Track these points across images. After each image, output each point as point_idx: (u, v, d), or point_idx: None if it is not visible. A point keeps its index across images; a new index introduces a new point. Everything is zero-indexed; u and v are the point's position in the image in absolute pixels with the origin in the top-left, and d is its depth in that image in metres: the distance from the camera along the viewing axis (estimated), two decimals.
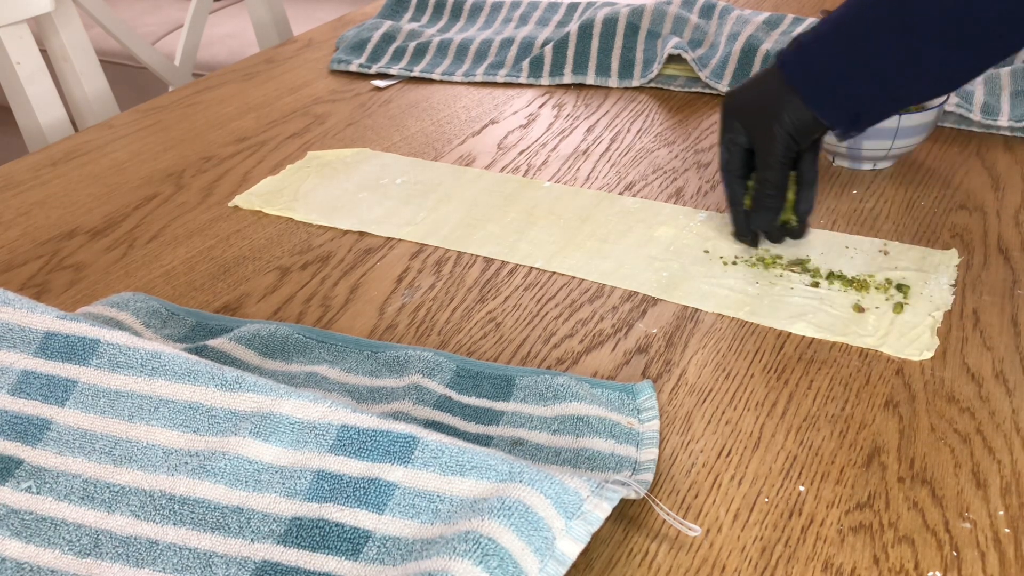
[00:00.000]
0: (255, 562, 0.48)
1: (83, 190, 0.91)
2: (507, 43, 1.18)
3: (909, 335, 0.66)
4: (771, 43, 1.09)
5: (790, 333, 0.67)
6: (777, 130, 0.70)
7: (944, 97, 0.88)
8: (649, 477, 0.54)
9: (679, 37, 1.12)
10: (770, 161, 0.71)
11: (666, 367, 0.64)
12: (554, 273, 0.75)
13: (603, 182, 0.89)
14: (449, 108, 1.06)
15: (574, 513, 0.47)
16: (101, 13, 1.23)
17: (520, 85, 1.12)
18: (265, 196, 0.88)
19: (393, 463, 0.50)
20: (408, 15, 1.31)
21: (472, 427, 0.58)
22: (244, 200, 0.87)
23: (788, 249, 0.76)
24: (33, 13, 1.10)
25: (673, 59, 1.10)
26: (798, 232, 0.76)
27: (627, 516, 0.52)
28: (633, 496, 0.50)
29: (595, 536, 0.50)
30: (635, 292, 0.72)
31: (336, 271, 0.76)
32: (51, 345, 0.57)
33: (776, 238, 0.76)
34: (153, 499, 0.51)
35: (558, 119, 1.03)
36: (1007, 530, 0.51)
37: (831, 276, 0.72)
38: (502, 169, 0.92)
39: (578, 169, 0.92)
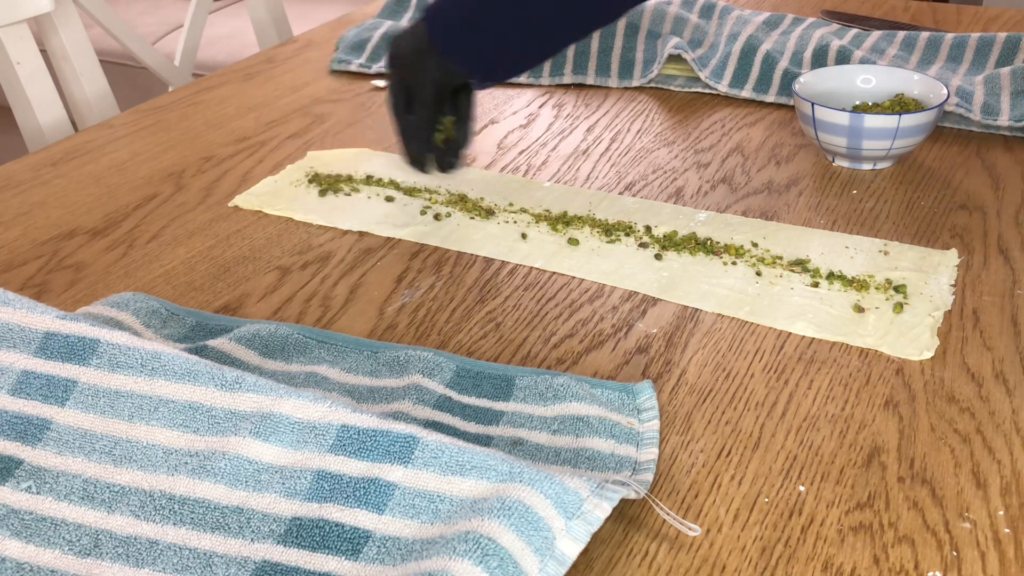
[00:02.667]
0: (255, 562, 0.48)
1: (83, 190, 0.91)
2: None
3: (909, 335, 0.66)
4: (771, 43, 1.09)
5: (790, 333, 0.67)
6: (424, 76, 0.80)
7: (944, 97, 0.88)
8: (649, 477, 0.54)
9: (679, 37, 1.12)
10: (421, 100, 0.81)
11: (666, 367, 0.64)
12: (554, 273, 0.75)
13: (603, 182, 0.89)
14: None
15: (574, 513, 0.47)
16: (101, 13, 1.23)
17: (520, 85, 1.12)
18: (265, 196, 0.88)
19: (393, 463, 0.50)
20: (408, 15, 1.31)
21: (472, 427, 0.58)
22: (244, 200, 0.87)
23: (788, 249, 0.76)
24: (33, 13, 1.10)
25: (673, 59, 1.10)
26: (453, 163, 0.84)
27: (627, 516, 0.52)
28: (633, 496, 0.50)
29: (595, 536, 0.50)
30: (635, 292, 0.72)
31: (336, 271, 0.77)
32: (51, 345, 0.57)
33: (442, 167, 0.85)
34: (153, 499, 0.51)
35: (558, 119, 1.03)
36: (1007, 530, 0.51)
37: (831, 276, 0.72)
38: (502, 169, 0.92)
39: (578, 169, 0.92)
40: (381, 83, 1.13)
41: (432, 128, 0.83)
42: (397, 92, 0.83)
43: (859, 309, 0.69)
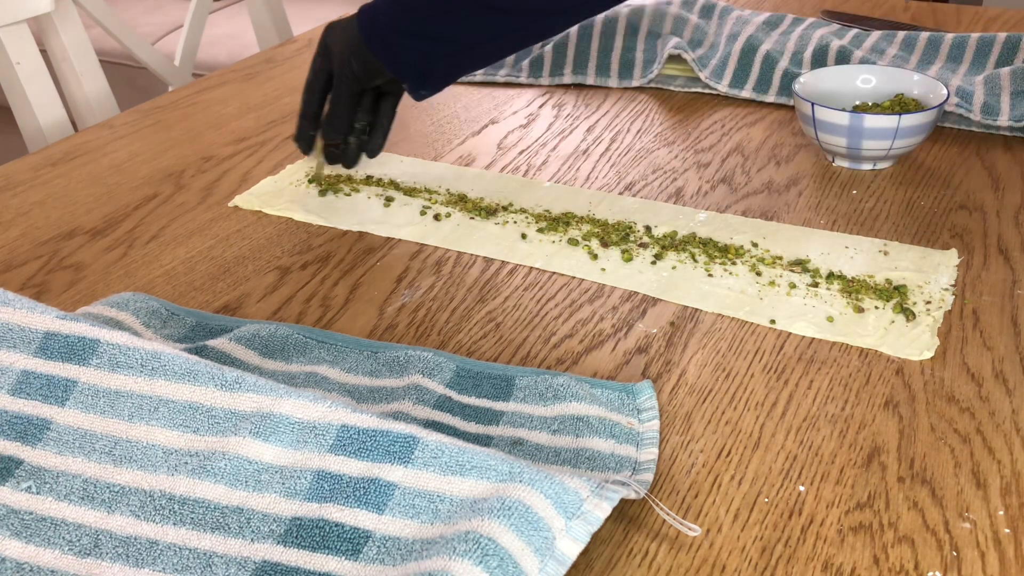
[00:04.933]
0: (255, 562, 0.48)
1: (83, 190, 0.91)
2: None
3: (909, 335, 0.66)
4: (771, 43, 1.09)
5: (790, 333, 0.67)
6: (347, 69, 0.81)
7: (944, 97, 0.88)
8: (649, 477, 0.54)
9: (679, 37, 1.12)
10: (340, 92, 0.83)
11: (666, 367, 0.64)
12: (554, 273, 0.75)
13: (603, 182, 0.89)
14: (449, 108, 1.06)
15: (574, 513, 0.47)
16: (101, 13, 1.23)
17: (520, 85, 1.12)
18: (265, 196, 0.88)
19: (393, 463, 0.50)
20: None
21: (472, 427, 0.58)
22: (244, 200, 0.87)
23: (788, 249, 0.76)
24: (33, 13, 1.10)
25: (673, 59, 1.10)
26: (349, 161, 0.87)
27: (627, 516, 0.52)
28: (633, 496, 0.50)
29: (595, 536, 0.50)
30: (635, 292, 0.72)
31: (336, 271, 0.77)
32: (51, 345, 0.57)
33: (348, 162, 0.87)
34: (153, 499, 0.51)
35: (558, 119, 1.03)
36: (1007, 530, 0.51)
37: (831, 276, 0.72)
38: (502, 169, 0.92)
39: (578, 169, 0.92)
40: None
41: (345, 122, 0.84)
42: (320, 74, 0.84)
43: (859, 309, 0.69)
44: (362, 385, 0.61)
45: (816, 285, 0.72)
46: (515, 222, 0.82)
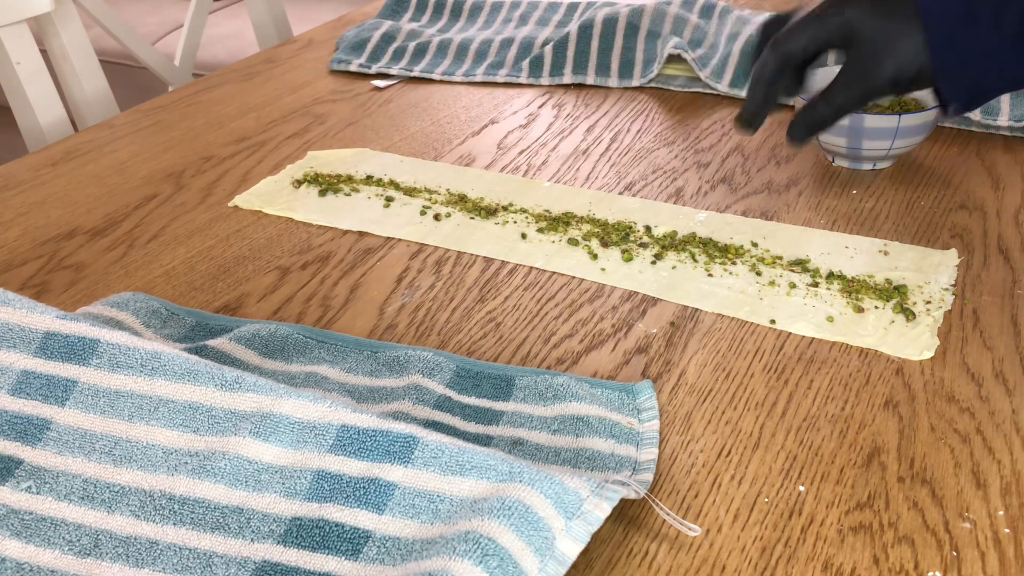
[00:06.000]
0: (255, 562, 0.48)
1: (83, 190, 0.91)
2: (507, 43, 1.18)
3: (909, 335, 0.66)
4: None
5: (790, 333, 0.67)
6: (889, 76, 0.65)
7: None
8: (649, 477, 0.54)
9: (679, 37, 1.12)
10: (863, 92, 0.67)
11: (666, 367, 0.64)
12: (554, 273, 0.75)
13: (603, 182, 0.89)
14: (449, 108, 1.06)
15: (574, 513, 0.47)
16: (101, 13, 1.23)
17: (520, 85, 1.12)
18: (265, 196, 0.88)
19: (393, 463, 0.50)
20: (408, 15, 1.31)
21: (472, 427, 0.58)
22: (244, 200, 0.87)
23: (788, 249, 0.76)
24: (33, 13, 1.10)
25: (673, 59, 1.10)
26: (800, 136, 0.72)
27: (627, 516, 0.52)
28: (633, 496, 0.50)
29: (595, 536, 0.50)
30: (635, 292, 0.72)
31: (336, 271, 0.77)
32: (51, 345, 0.57)
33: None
34: (153, 499, 0.51)
35: (558, 119, 1.03)
36: (1007, 530, 0.51)
37: (831, 276, 0.72)
38: (502, 169, 0.92)
39: (578, 169, 0.92)
40: (381, 83, 1.13)
41: (837, 121, 0.70)
42: (817, 44, 0.67)
43: (859, 309, 0.69)
44: (362, 385, 0.61)
45: (816, 285, 0.72)
46: (515, 222, 0.82)
